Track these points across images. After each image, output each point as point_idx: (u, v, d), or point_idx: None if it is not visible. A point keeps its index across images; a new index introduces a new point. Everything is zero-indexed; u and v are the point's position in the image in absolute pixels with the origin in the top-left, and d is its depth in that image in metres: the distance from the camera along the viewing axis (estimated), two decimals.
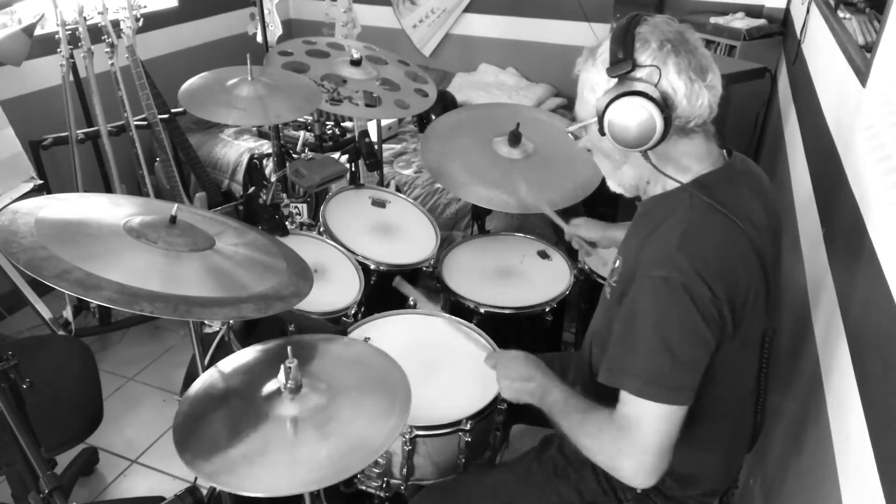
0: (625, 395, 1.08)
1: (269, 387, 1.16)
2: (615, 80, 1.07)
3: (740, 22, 2.96)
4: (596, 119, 1.10)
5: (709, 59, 1.09)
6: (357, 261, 1.90)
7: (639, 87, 1.05)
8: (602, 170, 1.24)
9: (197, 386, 1.21)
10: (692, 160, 1.14)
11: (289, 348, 1.13)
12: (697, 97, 1.07)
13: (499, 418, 1.50)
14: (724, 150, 1.19)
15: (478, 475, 1.44)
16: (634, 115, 1.05)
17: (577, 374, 1.47)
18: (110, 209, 1.26)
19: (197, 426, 1.12)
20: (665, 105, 1.05)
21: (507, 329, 1.81)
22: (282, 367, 1.13)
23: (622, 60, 1.05)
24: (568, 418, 1.18)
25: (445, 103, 2.97)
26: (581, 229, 1.75)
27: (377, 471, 1.43)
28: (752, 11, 3.09)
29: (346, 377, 1.22)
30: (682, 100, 1.06)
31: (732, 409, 1.24)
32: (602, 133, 1.10)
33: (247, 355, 1.29)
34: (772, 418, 1.11)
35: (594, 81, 1.11)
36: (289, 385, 1.12)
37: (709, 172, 1.14)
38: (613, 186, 1.25)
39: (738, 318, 1.08)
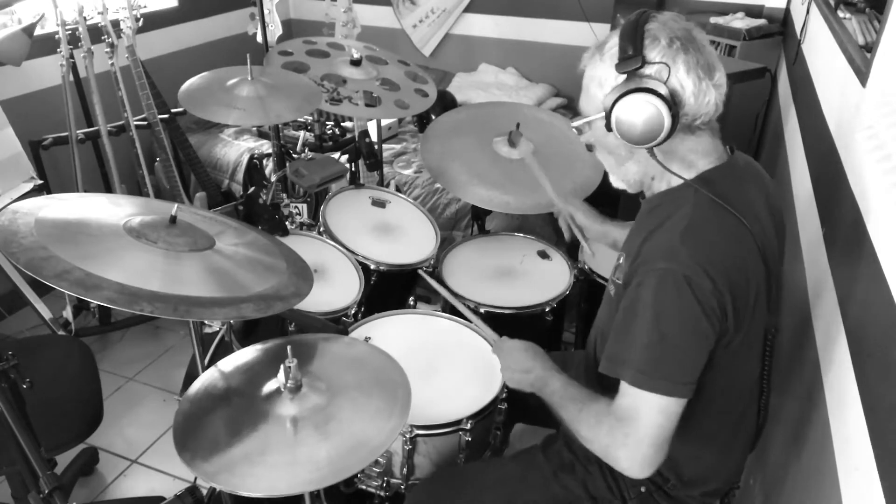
0: (624, 386, 1.09)
1: (269, 386, 1.16)
2: (624, 76, 1.07)
3: (740, 22, 2.96)
4: (602, 115, 1.10)
5: (715, 58, 1.10)
6: (357, 261, 1.90)
7: (648, 83, 1.05)
8: (605, 165, 1.24)
9: (197, 386, 1.21)
10: (697, 156, 1.15)
11: (289, 348, 1.12)
12: (704, 95, 1.07)
13: (499, 418, 1.50)
14: (727, 147, 1.19)
15: (480, 467, 1.43)
16: (642, 111, 1.05)
17: (579, 373, 1.47)
18: (110, 209, 1.26)
19: (197, 426, 1.12)
20: (673, 102, 1.05)
21: (508, 329, 1.80)
22: (282, 366, 1.13)
23: (631, 57, 1.05)
24: (566, 409, 1.20)
25: (445, 103, 2.97)
26: (578, 212, 1.71)
27: (377, 470, 1.43)
28: (752, 11, 3.09)
29: (346, 377, 1.22)
30: (690, 97, 1.07)
31: (736, 406, 1.24)
32: (609, 129, 1.10)
33: (247, 355, 1.29)
34: (772, 418, 1.11)
35: (601, 77, 1.11)
36: (289, 385, 1.12)
37: (713, 168, 1.15)
38: (616, 182, 1.25)
39: (740, 313, 1.08)
